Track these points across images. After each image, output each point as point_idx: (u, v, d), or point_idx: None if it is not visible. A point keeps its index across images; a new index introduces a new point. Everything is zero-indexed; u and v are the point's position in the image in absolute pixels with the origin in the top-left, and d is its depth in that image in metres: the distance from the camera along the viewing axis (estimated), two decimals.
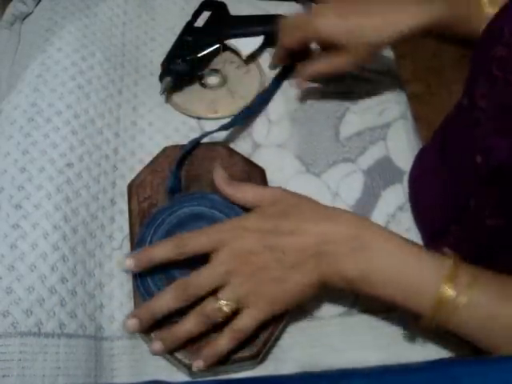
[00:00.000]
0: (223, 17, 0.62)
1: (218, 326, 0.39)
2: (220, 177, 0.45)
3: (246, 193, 0.43)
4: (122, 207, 0.48)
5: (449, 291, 0.36)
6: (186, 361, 0.40)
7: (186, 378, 0.41)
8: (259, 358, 0.41)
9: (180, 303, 0.39)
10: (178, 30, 0.60)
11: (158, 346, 0.39)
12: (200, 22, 0.60)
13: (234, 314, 0.39)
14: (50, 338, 0.38)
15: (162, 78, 0.56)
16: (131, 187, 0.48)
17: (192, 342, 0.40)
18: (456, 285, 0.36)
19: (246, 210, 0.44)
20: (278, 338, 0.43)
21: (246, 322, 0.39)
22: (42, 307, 0.39)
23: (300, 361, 0.42)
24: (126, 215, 0.47)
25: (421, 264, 0.38)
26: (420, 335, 0.43)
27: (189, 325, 0.39)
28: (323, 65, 0.53)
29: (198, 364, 0.39)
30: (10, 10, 0.58)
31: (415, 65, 1.48)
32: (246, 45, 0.60)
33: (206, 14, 0.61)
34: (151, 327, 0.40)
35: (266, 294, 0.39)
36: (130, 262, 0.41)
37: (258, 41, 0.60)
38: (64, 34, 0.56)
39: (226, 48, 0.60)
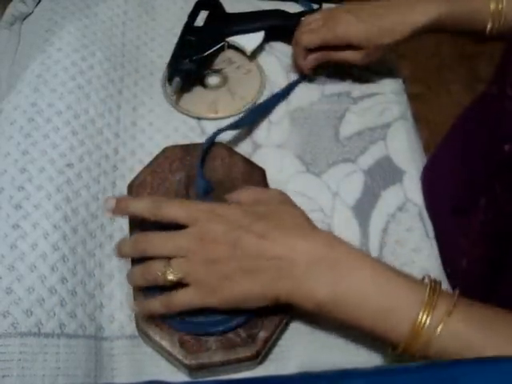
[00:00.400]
0: (221, 15, 0.62)
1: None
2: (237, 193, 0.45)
3: (243, 193, 0.43)
4: None
5: (426, 318, 0.34)
6: (186, 361, 0.40)
7: (186, 378, 0.41)
8: (259, 358, 0.41)
9: (134, 253, 0.41)
10: (177, 30, 0.60)
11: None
12: (199, 22, 0.60)
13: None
14: (49, 338, 0.38)
15: (171, 79, 0.56)
16: (131, 187, 0.48)
17: (190, 344, 0.40)
18: (434, 312, 0.35)
19: None
20: (278, 338, 0.43)
21: (181, 298, 0.39)
22: (42, 307, 0.39)
23: (300, 361, 0.42)
24: (126, 215, 0.47)
25: (397, 288, 0.36)
26: None
27: (133, 271, 0.41)
28: (335, 55, 0.56)
29: (134, 307, 0.41)
30: (10, 10, 0.58)
31: (415, 65, 1.48)
32: (249, 41, 0.60)
33: (204, 14, 0.61)
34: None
35: (210, 285, 0.38)
36: (110, 202, 0.41)
37: (259, 36, 0.60)
38: (64, 34, 0.56)
39: (228, 46, 0.61)
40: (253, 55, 0.61)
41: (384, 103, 0.58)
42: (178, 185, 0.48)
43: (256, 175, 0.49)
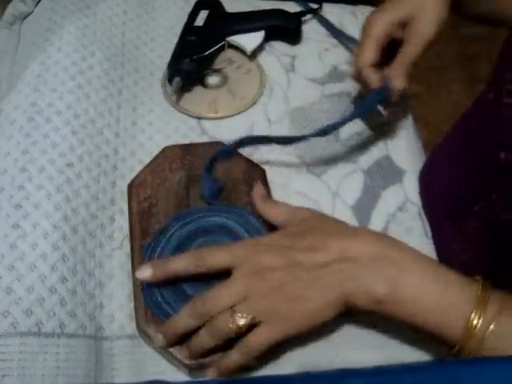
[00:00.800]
0: (221, 15, 0.62)
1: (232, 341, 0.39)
2: (257, 193, 0.46)
3: (279, 212, 0.44)
4: (122, 207, 0.48)
5: (478, 318, 0.35)
6: (186, 361, 0.40)
7: (186, 378, 0.41)
8: (259, 358, 0.40)
9: (198, 320, 0.39)
10: (177, 29, 0.60)
11: (160, 338, 0.40)
12: (199, 22, 0.60)
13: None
14: (50, 338, 0.38)
15: (171, 78, 0.56)
16: (131, 187, 0.48)
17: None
18: (485, 312, 0.35)
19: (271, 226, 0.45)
20: None
21: (258, 338, 0.38)
22: (41, 307, 0.39)
23: (300, 361, 0.42)
24: (126, 215, 0.47)
25: (451, 286, 0.37)
26: (419, 335, 0.43)
27: (202, 337, 0.39)
28: (412, 45, 0.50)
29: (211, 373, 0.39)
30: (10, 9, 0.58)
31: (415, 65, 1.48)
32: (249, 41, 0.60)
33: (204, 13, 0.61)
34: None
35: (281, 313, 0.38)
36: (147, 271, 0.40)
37: (259, 36, 0.60)
38: (64, 34, 0.56)
39: (228, 46, 0.61)
40: (253, 55, 0.61)
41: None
42: (178, 185, 0.48)
43: (256, 175, 0.49)
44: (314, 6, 0.66)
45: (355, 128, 0.56)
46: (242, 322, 0.37)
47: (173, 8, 0.65)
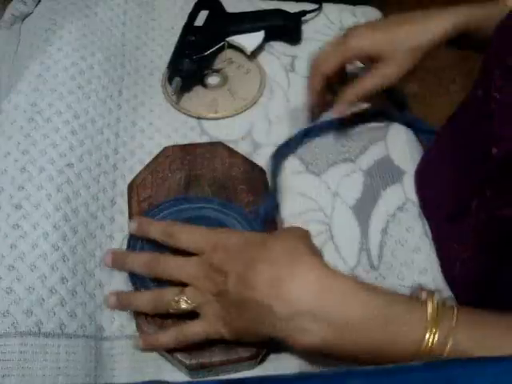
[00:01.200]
0: (221, 14, 0.62)
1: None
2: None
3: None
4: (122, 207, 0.48)
5: (432, 338, 0.33)
6: (186, 361, 0.40)
7: (186, 378, 0.41)
8: (259, 358, 0.41)
9: (148, 274, 0.41)
10: (177, 29, 0.60)
11: (113, 299, 0.41)
12: (200, 22, 0.60)
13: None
14: (50, 338, 0.38)
15: (171, 78, 0.56)
16: (131, 187, 0.48)
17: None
18: (439, 331, 0.34)
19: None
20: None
21: (195, 330, 0.39)
22: (41, 307, 0.39)
23: (300, 361, 0.42)
24: (126, 215, 0.47)
25: (395, 316, 0.35)
26: None
27: (144, 298, 0.40)
28: (369, 81, 0.51)
29: (138, 343, 0.40)
30: (10, 10, 0.58)
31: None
32: (249, 41, 0.60)
33: (204, 14, 0.61)
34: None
35: (224, 315, 0.38)
36: (132, 224, 0.43)
37: (259, 36, 0.61)
38: (64, 34, 0.56)
39: (228, 46, 0.61)
40: (253, 55, 0.61)
41: (384, 103, 0.58)
42: (178, 185, 0.48)
43: (256, 175, 0.49)
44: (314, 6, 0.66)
45: (355, 128, 0.56)
46: (183, 305, 0.38)
47: (173, 8, 0.65)
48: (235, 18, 0.62)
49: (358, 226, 0.49)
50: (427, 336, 0.34)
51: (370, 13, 0.67)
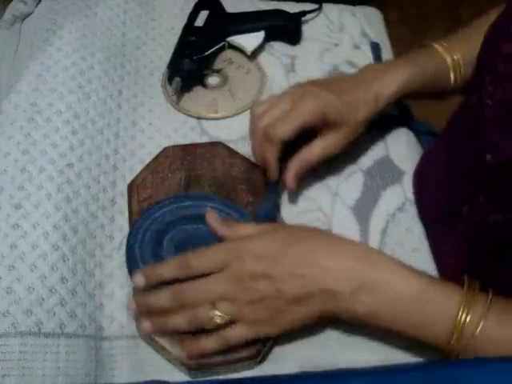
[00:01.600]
0: (221, 15, 0.62)
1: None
2: (212, 217, 0.44)
3: (244, 228, 0.43)
4: (122, 207, 0.48)
5: (464, 320, 0.36)
6: (186, 361, 0.40)
7: (186, 378, 0.41)
8: (259, 358, 0.41)
9: (174, 305, 0.39)
10: (177, 29, 0.60)
11: (147, 325, 0.40)
12: (200, 22, 0.60)
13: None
14: (49, 338, 0.38)
15: (171, 79, 0.56)
16: (131, 187, 0.48)
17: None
18: (471, 313, 0.36)
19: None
20: (278, 338, 0.43)
21: (235, 334, 0.39)
22: (41, 307, 0.39)
23: (300, 361, 0.42)
24: (126, 215, 0.47)
25: (432, 296, 0.37)
26: None
27: (178, 320, 0.39)
28: (316, 153, 0.48)
29: (182, 354, 0.40)
30: (11, 10, 0.58)
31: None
32: (249, 41, 0.60)
33: (204, 14, 0.61)
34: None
35: (262, 319, 0.39)
36: (138, 279, 0.41)
37: (259, 36, 0.60)
38: (64, 34, 0.56)
39: (228, 46, 0.61)
40: (253, 55, 0.61)
41: None
42: (178, 185, 0.48)
43: (256, 175, 0.49)
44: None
45: None
46: (219, 320, 0.38)
47: (173, 8, 0.65)
48: (235, 18, 0.62)
49: (358, 227, 0.49)
50: (459, 315, 0.36)
51: (370, 13, 0.67)
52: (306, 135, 0.48)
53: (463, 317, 0.36)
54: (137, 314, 0.41)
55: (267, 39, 0.62)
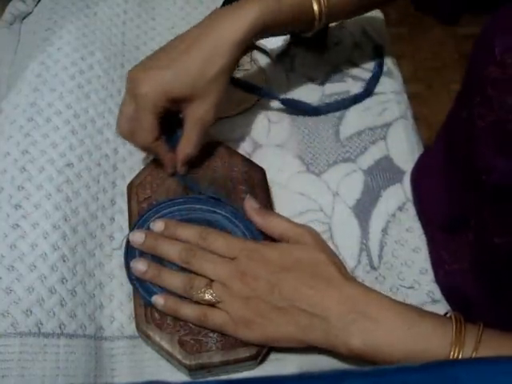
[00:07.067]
0: None
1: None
2: (250, 206, 0.44)
3: (276, 226, 0.43)
4: (122, 207, 0.48)
5: (457, 354, 0.35)
6: (186, 361, 0.40)
7: (186, 378, 0.41)
8: (259, 358, 0.41)
9: (180, 260, 0.41)
10: (177, 29, 0.60)
11: (141, 264, 0.42)
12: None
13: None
14: (49, 338, 0.38)
15: None
16: (131, 187, 0.48)
17: (190, 344, 0.40)
18: (463, 350, 0.35)
19: None
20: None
21: (215, 318, 0.40)
22: (41, 307, 0.39)
23: (300, 361, 0.42)
24: (126, 215, 0.47)
25: (425, 331, 0.37)
26: None
27: (175, 278, 0.41)
28: (191, 133, 0.45)
29: (158, 300, 0.41)
30: (10, 9, 0.58)
31: (415, 65, 1.48)
32: (275, 43, 0.60)
33: None
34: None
35: (245, 317, 0.39)
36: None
37: (284, 39, 0.60)
38: (64, 34, 0.55)
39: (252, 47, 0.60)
40: (274, 58, 0.60)
41: (384, 103, 0.58)
42: (178, 185, 0.48)
43: (256, 175, 0.49)
44: None
45: (355, 128, 0.56)
46: (207, 297, 0.40)
47: (173, 8, 0.65)
48: None
49: (358, 226, 0.49)
50: (452, 351, 0.36)
51: (370, 13, 0.67)
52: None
53: (455, 355, 0.35)
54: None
55: (293, 44, 0.61)
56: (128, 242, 0.44)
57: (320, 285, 0.39)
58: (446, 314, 0.39)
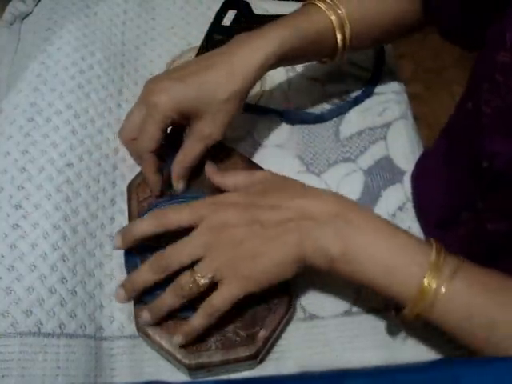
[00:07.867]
0: (249, 15, 0.61)
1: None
2: (211, 169, 0.45)
3: (235, 177, 0.43)
4: (122, 207, 0.48)
5: (431, 280, 0.35)
6: (186, 361, 0.40)
7: (186, 378, 0.41)
8: (259, 358, 0.41)
9: (157, 275, 0.39)
10: (177, 29, 0.60)
11: (146, 315, 0.40)
12: (227, 21, 0.60)
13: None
14: (49, 338, 0.38)
15: None
16: (131, 187, 0.48)
17: (190, 344, 0.40)
18: (439, 274, 0.36)
19: None
20: (277, 338, 0.43)
21: (220, 297, 0.38)
22: (41, 307, 0.39)
23: (300, 361, 0.42)
24: (126, 215, 0.47)
25: (406, 247, 0.37)
26: (420, 335, 0.43)
27: (168, 299, 0.39)
28: (191, 149, 0.46)
29: (177, 339, 0.39)
30: (10, 9, 0.58)
31: (415, 65, 1.48)
32: None
33: (231, 13, 0.61)
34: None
35: (241, 269, 0.38)
36: (116, 240, 0.41)
37: None
38: (64, 34, 0.55)
39: None
40: None
41: (384, 103, 0.58)
42: None
43: None
44: None
45: (355, 128, 0.56)
46: (202, 281, 0.38)
47: (173, 8, 0.65)
48: (263, 20, 0.60)
49: None
50: (428, 273, 0.36)
51: None
52: None
53: (429, 278, 0.35)
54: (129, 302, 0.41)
55: None
56: (127, 252, 0.44)
57: (296, 198, 0.39)
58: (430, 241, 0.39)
